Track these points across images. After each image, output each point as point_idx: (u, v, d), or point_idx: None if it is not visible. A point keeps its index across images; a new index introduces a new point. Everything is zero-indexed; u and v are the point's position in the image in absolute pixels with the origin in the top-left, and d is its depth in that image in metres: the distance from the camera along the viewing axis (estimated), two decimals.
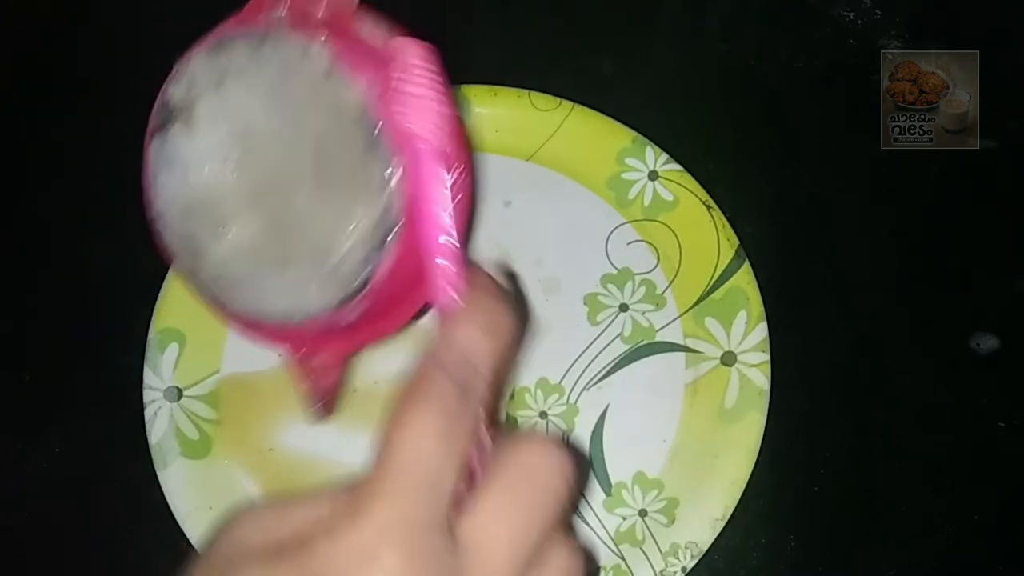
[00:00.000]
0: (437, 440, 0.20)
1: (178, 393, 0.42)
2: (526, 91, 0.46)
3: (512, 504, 0.21)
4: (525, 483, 0.21)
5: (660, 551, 0.38)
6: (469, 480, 0.21)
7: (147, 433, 0.41)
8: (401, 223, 0.26)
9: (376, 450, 0.21)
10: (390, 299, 0.27)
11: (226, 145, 0.28)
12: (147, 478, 0.40)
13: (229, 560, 0.20)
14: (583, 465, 0.24)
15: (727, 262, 0.42)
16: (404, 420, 0.21)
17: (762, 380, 0.40)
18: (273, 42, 0.27)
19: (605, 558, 0.39)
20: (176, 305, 0.43)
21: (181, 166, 0.28)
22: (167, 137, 0.28)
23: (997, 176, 0.46)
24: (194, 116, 0.28)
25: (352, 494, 0.20)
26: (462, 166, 0.27)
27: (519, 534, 0.20)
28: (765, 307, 0.41)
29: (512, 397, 0.42)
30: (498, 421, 0.23)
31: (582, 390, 0.42)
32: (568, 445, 0.22)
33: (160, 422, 0.41)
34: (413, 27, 0.29)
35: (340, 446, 0.41)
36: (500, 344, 0.23)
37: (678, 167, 0.44)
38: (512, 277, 0.26)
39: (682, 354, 0.42)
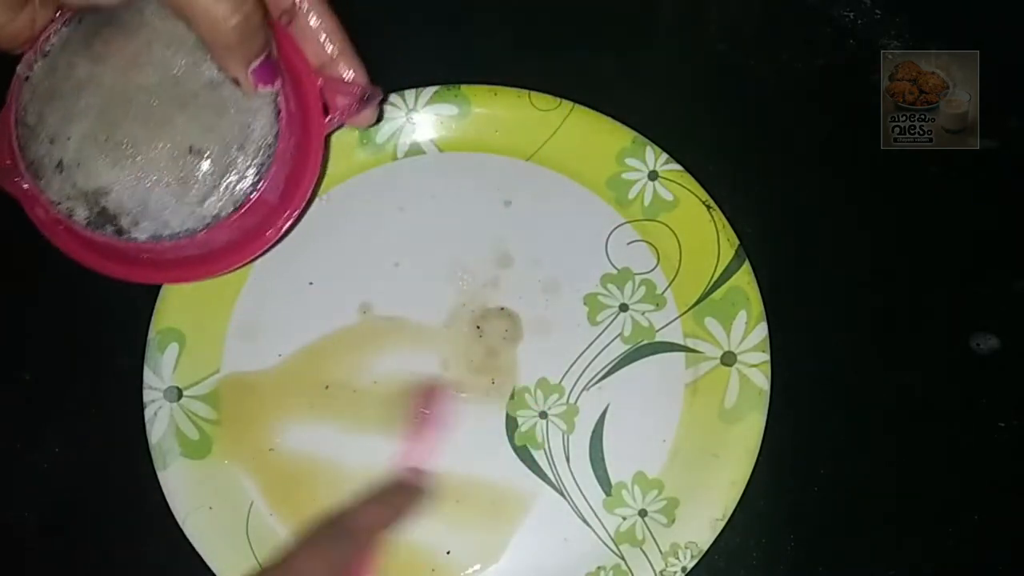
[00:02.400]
0: None
1: (178, 393, 0.42)
2: (526, 91, 0.46)
3: None
4: None
5: (660, 551, 0.38)
6: None
7: (147, 433, 0.41)
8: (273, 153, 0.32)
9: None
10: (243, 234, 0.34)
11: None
12: (147, 478, 0.40)
13: None
14: None
15: (727, 262, 0.42)
16: (300, 568, 0.32)
17: (762, 380, 0.40)
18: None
19: (605, 558, 0.39)
20: (176, 305, 0.43)
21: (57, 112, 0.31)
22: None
23: (997, 176, 0.46)
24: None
25: None
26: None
27: None
28: (765, 307, 0.41)
29: (512, 397, 0.42)
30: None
31: (582, 390, 0.42)
32: None
33: (160, 422, 0.41)
34: (414, 27, 0.29)
35: (340, 446, 0.41)
36: (394, 523, 0.37)
37: (678, 167, 0.44)
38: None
39: (682, 354, 0.42)
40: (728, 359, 0.41)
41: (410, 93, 0.45)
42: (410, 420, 0.36)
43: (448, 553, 0.39)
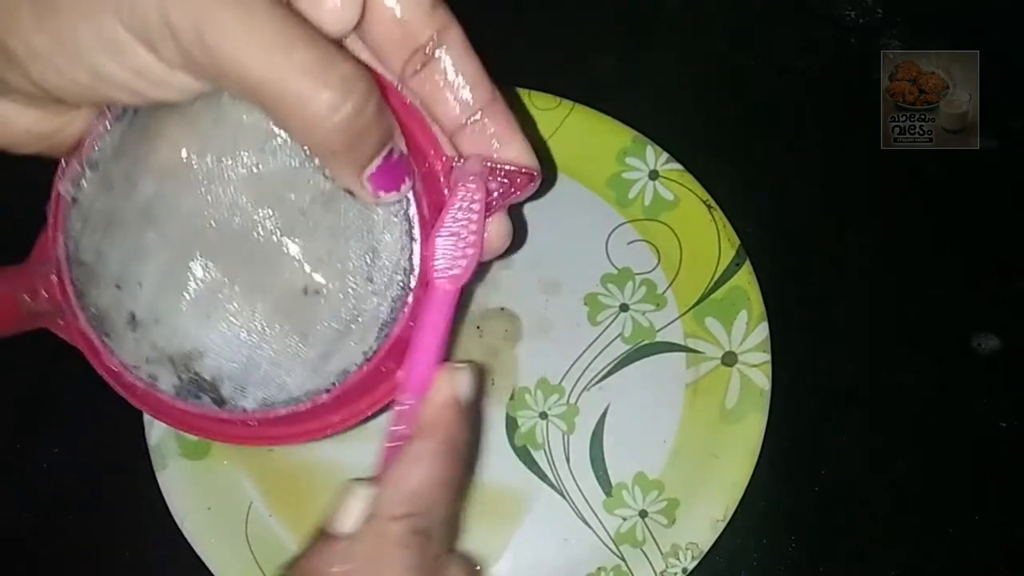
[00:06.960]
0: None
1: None
2: (526, 91, 0.46)
3: None
4: None
5: (661, 552, 0.38)
6: None
7: (147, 434, 0.41)
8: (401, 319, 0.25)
9: None
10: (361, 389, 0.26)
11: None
12: (147, 478, 0.40)
13: None
14: None
15: (728, 262, 0.42)
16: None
17: (763, 380, 0.40)
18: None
19: (605, 559, 0.39)
20: None
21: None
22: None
23: (997, 176, 0.46)
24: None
25: None
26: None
27: None
28: (766, 307, 0.41)
29: (512, 397, 0.41)
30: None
31: (582, 390, 0.42)
32: None
33: (160, 423, 0.41)
34: None
35: (339, 447, 0.41)
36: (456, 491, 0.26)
37: (679, 166, 0.44)
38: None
39: (683, 354, 0.42)
40: (729, 359, 0.41)
41: None
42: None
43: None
